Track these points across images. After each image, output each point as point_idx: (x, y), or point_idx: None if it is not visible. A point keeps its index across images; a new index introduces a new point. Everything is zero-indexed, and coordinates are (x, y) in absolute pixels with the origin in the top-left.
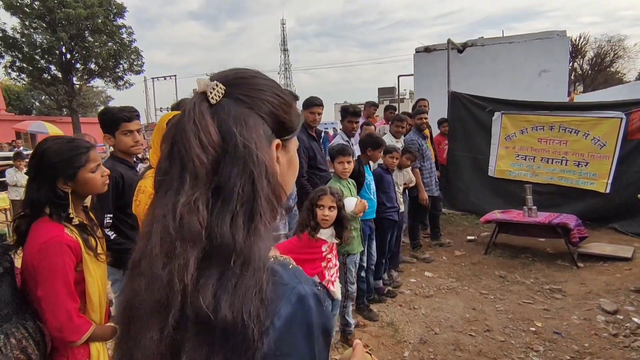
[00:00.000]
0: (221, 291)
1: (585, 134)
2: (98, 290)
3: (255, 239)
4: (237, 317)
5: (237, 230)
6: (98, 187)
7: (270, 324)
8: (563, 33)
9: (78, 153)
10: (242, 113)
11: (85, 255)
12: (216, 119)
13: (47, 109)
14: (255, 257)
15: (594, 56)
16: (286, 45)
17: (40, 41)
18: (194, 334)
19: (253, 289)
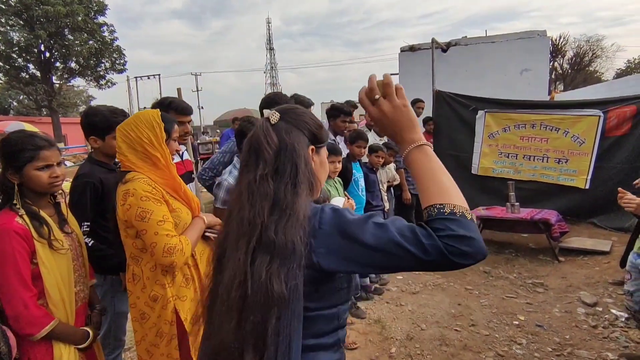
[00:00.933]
0: (279, 226)
1: (565, 132)
2: (57, 284)
3: (297, 198)
4: (288, 240)
5: (287, 193)
6: (43, 186)
7: (311, 236)
8: (543, 33)
9: (27, 148)
10: (290, 128)
11: (37, 244)
12: (275, 131)
13: (26, 109)
14: (297, 207)
15: (574, 56)
16: (272, 44)
17: (17, 39)
18: (264, 251)
19: (297, 223)
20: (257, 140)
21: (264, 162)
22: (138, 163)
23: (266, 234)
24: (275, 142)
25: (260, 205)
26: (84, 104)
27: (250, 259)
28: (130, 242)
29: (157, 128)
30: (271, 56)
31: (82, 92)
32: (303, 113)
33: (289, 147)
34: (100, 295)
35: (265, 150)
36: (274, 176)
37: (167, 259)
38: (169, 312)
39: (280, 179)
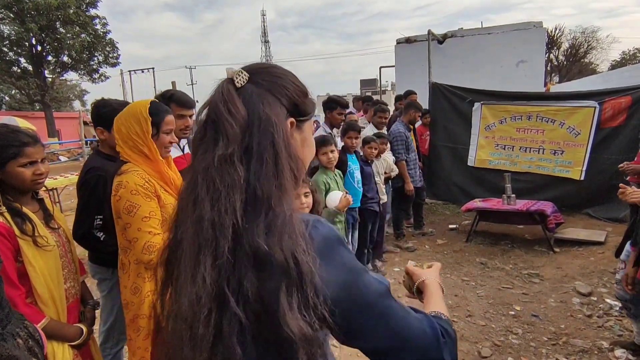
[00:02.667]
0: (269, 235)
1: (561, 123)
2: (45, 282)
3: (283, 192)
4: (289, 256)
5: (269, 183)
6: (26, 183)
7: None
8: (539, 24)
9: (10, 145)
10: (262, 93)
11: (21, 242)
12: (242, 97)
13: (18, 104)
14: (286, 207)
15: (569, 47)
16: (267, 36)
17: (8, 32)
18: (252, 267)
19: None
20: (214, 109)
21: (225, 138)
22: (132, 155)
23: (252, 243)
24: (242, 113)
25: (228, 199)
26: (77, 98)
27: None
28: (120, 232)
29: (144, 122)
30: (266, 49)
31: (75, 86)
32: (282, 74)
33: (262, 119)
34: (107, 289)
35: (226, 122)
36: (242, 158)
37: (146, 256)
38: (146, 306)
39: (256, 163)
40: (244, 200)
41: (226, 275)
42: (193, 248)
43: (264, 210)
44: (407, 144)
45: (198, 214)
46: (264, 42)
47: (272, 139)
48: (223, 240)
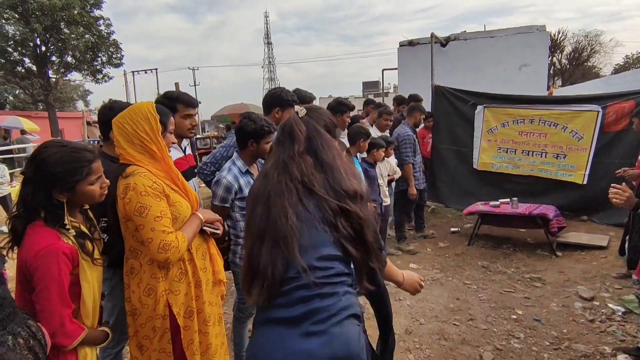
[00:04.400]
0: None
1: (564, 127)
2: (93, 295)
3: (342, 161)
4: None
5: (331, 157)
6: (95, 198)
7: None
8: (542, 28)
9: (81, 166)
10: (312, 122)
11: (82, 261)
12: (303, 121)
13: (22, 104)
14: (345, 165)
15: (572, 51)
16: (270, 38)
17: (12, 33)
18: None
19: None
20: (290, 126)
21: (298, 142)
22: (137, 156)
23: (338, 184)
24: (304, 129)
25: (305, 167)
26: (80, 99)
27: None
28: (130, 235)
29: (153, 120)
30: (269, 50)
31: (79, 86)
32: (323, 113)
33: (316, 132)
34: (109, 289)
35: (297, 132)
36: (309, 152)
37: (162, 255)
38: (162, 305)
39: (318, 152)
40: (313, 168)
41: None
42: (280, 189)
43: (334, 170)
44: (414, 147)
45: (288, 173)
46: (266, 43)
47: (324, 138)
48: (302, 187)
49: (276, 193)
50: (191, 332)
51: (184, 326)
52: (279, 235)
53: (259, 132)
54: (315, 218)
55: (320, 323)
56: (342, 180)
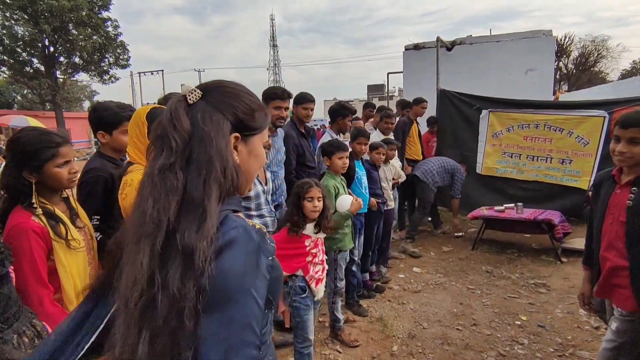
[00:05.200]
0: (190, 230)
1: (570, 132)
2: (73, 281)
3: (211, 197)
4: (195, 249)
5: (199, 189)
6: (63, 182)
7: (216, 247)
8: (549, 32)
9: (46, 146)
10: (209, 111)
11: (54, 243)
12: (190, 114)
13: (30, 104)
14: (208, 209)
15: (579, 56)
16: (275, 40)
17: (22, 33)
18: (176, 257)
19: (208, 230)
20: (162, 124)
21: (169, 149)
22: (139, 155)
23: (176, 236)
24: (186, 127)
25: (166, 201)
26: (87, 99)
27: (158, 264)
28: None
29: (142, 125)
30: (274, 53)
31: (86, 87)
32: (233, 93)
33: (202, 135)
34: None
35: (169, 134)
36: (184, 167)
37: None
38: None
39: (193, 172)
40: (180, 202)
41: (157, 261)
42: (136, 237)
43: (194, 211)
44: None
45: (142, 209)
46: (272, 46)
47: (209, 153)
48: (159, 232)
49: (131, 240)
50: None
51: None
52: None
53: None
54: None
55: None
56: (188, 227)
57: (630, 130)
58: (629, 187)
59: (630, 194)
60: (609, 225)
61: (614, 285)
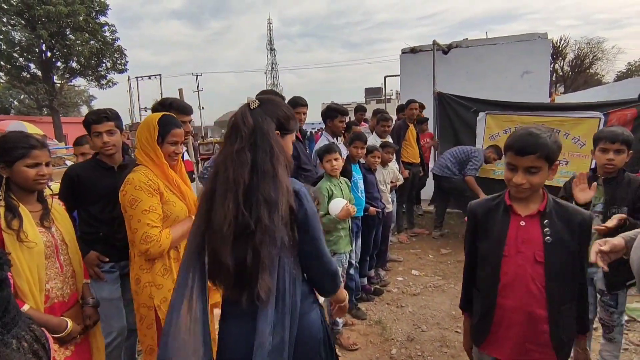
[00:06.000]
0: (262, 185)
1: (566, 134)
2: (25, 277)
3: (278, 166)
4: (272, 198)
5: (265, 161)
6: (29, 182)
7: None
8: (544, 35)
9: (20, 146)
10: (263, 115)
11: (5, 235)
12: (252, 115)
13: (27, 109)
14: (279, 173)
15: (574, 58)
16: (273, 44)
17: (18, 39)
18: (259, 204)
19: (281, 186)
20: (235, 120)
21: (240, 137)
22: (145, 158)
23: (257, 192)
24: (251, 123)
25: (241, 169)
26: (84, 104)
27: (243, 208)
28: (128, 227)
29: (152, 130)
30: (272, 57)
31: (83, 91)
32: (278, 105)
33: (262, 129)
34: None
35: (241, 127)
36: (251, 150)
37: (143, 246)
38: (145, 296)
39: (259, 151)
40: (250, 169)
41: (239, 206)
42: (223, 191)
43: (262, 173)
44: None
45: (227, 175)
46: (269, 50)
47: (269, 139)
48: (239, 188)
49: (219, 194)
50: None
51: (164, 319)
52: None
53: None
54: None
55: None
56: (265, 187)
57: (527, 158)
58: (538, 220)
59: (545, 228)
60: (517, 266)
61: (523, 342)
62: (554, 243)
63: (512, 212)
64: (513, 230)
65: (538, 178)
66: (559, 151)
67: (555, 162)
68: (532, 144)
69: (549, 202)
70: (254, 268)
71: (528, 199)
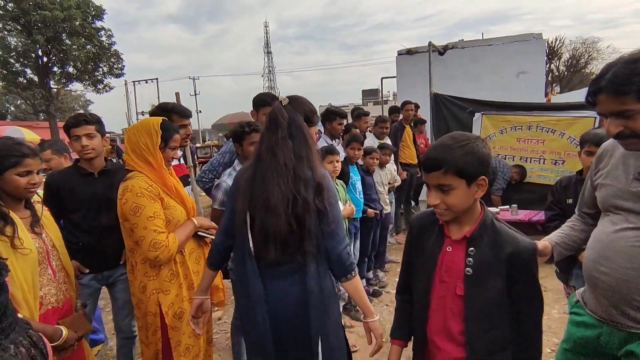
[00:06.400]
0: (302, 168)
1: (562, 133)
2: (19, 284)
3: (310, 151)
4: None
5: (302, 148)
6: (20, 190)
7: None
8: (539, 36)
9: (11, 155)
10: (294, 111)
11: None
12: (285, 110)
13: (23, 114)
14: (312, 157)
15: (570, 58)
16: (270, 47)
17: (15, 44)
18: (300, 183)
19: (315, 167)
20: (274, 114)
21: (281, 128)
22: (139, 163)
23: (298, 173)
24: (286, 116)
25: (288, 155)
26: (81, 109)
27: (294, 187)
28: (127, 235)
29: (154, 135)
30: (269, 59)
31: (80, 96)
32: (303, 102)
33: (295, 121)
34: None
35: (280, 119)
36: (290, 138)
37: (152, 253)
38: (152, 303)
39: (298, 140)
40: (293, 156)
41: (291, 186)
42: (275, 174)
43: (301, 158)
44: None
45: (277, 159)
46: (266, 53)
47: (301, 129)
48: (289, 172)
49: (270, 174)
50: (179, 334)
51: (172, 326)
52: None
53: (238, 134)
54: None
55: None
56: (303, 168)
57: (433, 175)
58: (464, 246)
59: (468, 258)
60: (440, 298)
61: None
62: (474, 276)
63: (443, 233)
64: (442, 254)
65: (454, 198)
66: (482, 163)
67: (477, 177)
68: (435, 157)
69: (482, 226)
70: (301, 234)
71: (461, 220)
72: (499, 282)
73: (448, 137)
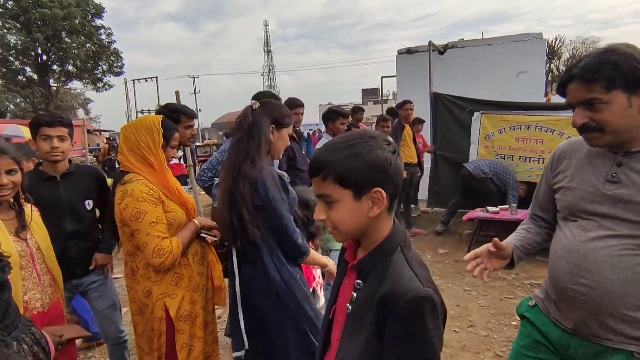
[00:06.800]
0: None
1: (561, 133)
2: None
3: (259, 153)
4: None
5: (253, 149)
6: None
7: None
8: (539, 35)
9: None
10: (262, 114)
11: None
12: (252, 114)
13: (23, 112)
14: (257, 159)
15: (570, 57)
16: (269, 46)
17: (14, 42)
18: (240, 178)
19: (256, 168)
20: (240, 117)
21: (242, 131)
22: (136, 164)
23: (242, 169)
24: (250, 120)
25: (238, 154)
26: (81, 107)
27: (236, 181)
28: (127, 240)
29: (156, 133)
30: (269, 59)
31: (80, 94)
32: (274, 105)
33: (258, 123)
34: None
35: (243, 122)
36: (247, 139)
37: (157, 260)
38: (159, 309)
39: (251, 141)
40: (244, 155)
41: (234, 182)
42: (226, 171)
43: (249, 158)
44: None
45: (230, 160)
46: (266, 52)
47: (260, 132)
48: (235, 168)
49: (224, 172)
50: (185, 336)
51: (179, 329)
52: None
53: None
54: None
55: None
56: (246, 166)
57: (313, 181)
58: (355, 276)
59: (353, 292)
60: (334, 340)
61: None
62: (352, 316)
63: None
64: (342, 284)
65: (337, 214)
66: (375, 170)
67: (368, 188)
68: (316, 159)
69: (376, 255)
70: (242, 223)
71: (364, 243)
72: (367, 329)
73: (344, 134)
